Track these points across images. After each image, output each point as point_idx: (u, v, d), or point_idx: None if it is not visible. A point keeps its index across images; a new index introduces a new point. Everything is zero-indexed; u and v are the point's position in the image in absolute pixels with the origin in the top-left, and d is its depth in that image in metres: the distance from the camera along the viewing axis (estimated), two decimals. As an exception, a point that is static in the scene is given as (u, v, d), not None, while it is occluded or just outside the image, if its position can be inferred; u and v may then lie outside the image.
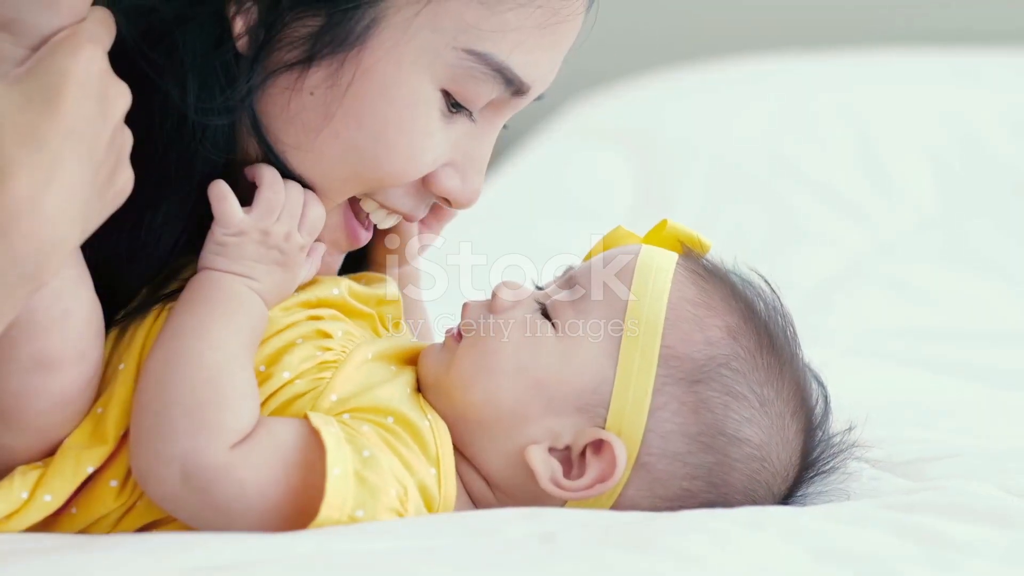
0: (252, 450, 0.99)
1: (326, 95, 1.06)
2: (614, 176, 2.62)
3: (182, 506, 0.99)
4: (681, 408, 1.06)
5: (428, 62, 1.06)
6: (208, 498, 0.98)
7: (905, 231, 2.39)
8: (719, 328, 1.08)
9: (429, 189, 1.11)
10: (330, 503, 0.97)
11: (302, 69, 1.05)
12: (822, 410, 1.12)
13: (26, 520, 1.02)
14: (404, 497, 1.00)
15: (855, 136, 2.56)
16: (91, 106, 0.96)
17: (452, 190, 1.12)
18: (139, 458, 1.00)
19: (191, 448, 0.98)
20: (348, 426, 1.02)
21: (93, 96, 0.96)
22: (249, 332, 1.05)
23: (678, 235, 1.15)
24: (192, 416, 0.99)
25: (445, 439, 1.05)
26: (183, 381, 1.00)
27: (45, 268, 0.94)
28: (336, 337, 1.09)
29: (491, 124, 1.12)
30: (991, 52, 2.74)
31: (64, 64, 0.95)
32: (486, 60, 1.06)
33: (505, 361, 1.07)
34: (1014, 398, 1.59)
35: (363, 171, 1.08)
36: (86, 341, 1.02)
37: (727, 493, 1.07)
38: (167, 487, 0.99)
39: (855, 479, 1.16)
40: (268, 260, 1.07)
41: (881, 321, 2.06)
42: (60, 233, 0.94)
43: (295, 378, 1.05)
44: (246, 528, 0.99)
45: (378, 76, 1.05)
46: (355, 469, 0.99)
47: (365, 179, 1.09)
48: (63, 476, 1.02)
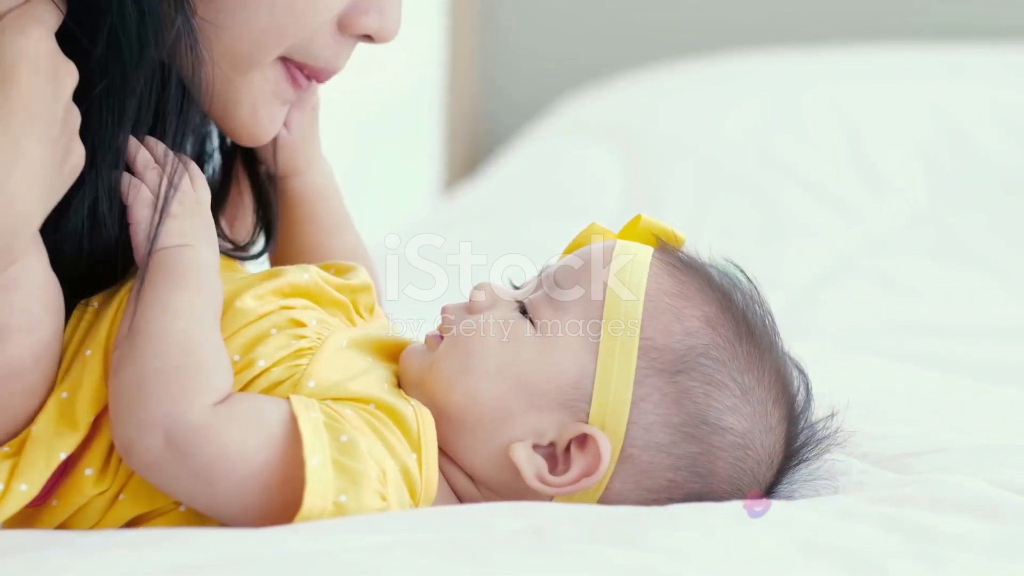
0: (233, 411, 1.01)
1: None
2: (604, 173, 2.62)
3: (167, 473, 1.00)
4: (663, 399, 1.07)
5: None
6: (192, 461, 0.99)
7: (894, 227, 2.40)
8: (697, 318, 1.08)
9: (347, 30, 1.10)
10: (313, 491, 0.98)
11: None
12: (804, 397, 1.12)
13: (5, 511, 1.02)
14: (384, 480, 1.01)
15: (844, 132, 2.56)
16: (44, 86, 0.99)
17: (370, 24, 1.10)
18: (121, 431, 1.01)
19: (172, 411, 0.99)
20: (331, 409, 1.03)
21: (45, 74, 0.99)
22: (207, 295, 1.06)
23: (652, 229, 1.15)
24: (170, 382, 1.00)
25: (428, 424, 1.06)
26: (155, 352, 1.01)
27: (14, 245, 0.98)
28: (310, 325, 1.09)
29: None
30: (980, 48, 2.74)
31: (15, 45, 0.98)
32: None
33: (485, 360, 1.08)
34: (1002, 393, 1.59)
35: (278, 11, 1.06)
36: (35, 313, 1.03)
37: (713, 483, 1.07)
38: (151, 454, 0.99)
39: (843, 473, 1.16)
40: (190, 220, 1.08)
41: (870, 316, 2.06)
42: (26, 210, 0.98)
43: (272, 366, 1.06)
44: (229, 498, 1.00)
45: None
46: (333, 457, 0.99)
47: (280, 21, 1.07)
48: (36, 465, 1.02)
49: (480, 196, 2.69)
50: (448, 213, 2.68)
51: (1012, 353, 1.82)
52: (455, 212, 2.66)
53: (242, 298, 1.09)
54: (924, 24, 2.89)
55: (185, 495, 1.02)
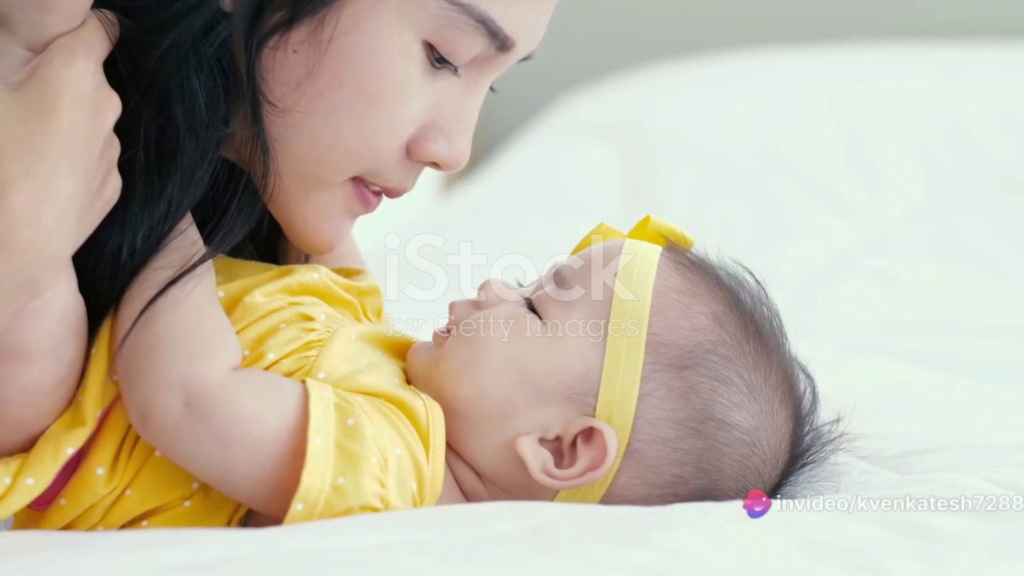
0: (251, 376, 1.02)
1: (309, 51, 1.05)
2: (603, 172, 2.62)
3: (183, 436, 1.00)
4: (670, 394, 1.07)
5: (410, 13, 1.04)
6: (208, 423, 0.99)
7: (893, 225, 2.40)
8: (705, 315, 1.09)
9: (415, 156, 1.10)
10: (311, 470, 0.98)
11: (286, 29, 1.04)
12: (810, 399, 1.13)
13: (11, 506, 1.02)
14: (384, 467, 1.01)
15: (843, 131, 2.56)
16: (85, 118, 0.98)
17: (438, 152, 1.10)
18: (138, 395, 1.01)
19: (190, 371, 1.00)
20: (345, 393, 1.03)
21: (87, 108, 0.98)
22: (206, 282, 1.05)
23: (661, 230, 1.15)
24: (184, 344, 1.01)
25: (438, 418, 1.06)
26: (164, 320, 1.01)
27: (42, 279, 0.97)
28: (319, 320, 1.09)
29: (476, 83, 1.11)
30: (978, 46, 2.74)
31: (60, 75, 0.97)
32: (468, 10, 1.05)
33: (492, 355, 1.08)
34: (1001, 391, 1.59)
35: (346, 134, 1.07)
36: (61, 337, 1.03)
37: (718, 479, 1.08)
38: (169, 417, 1.00)
39: (843, 472, 1.16)
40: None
41: (869, 315, 2.06)
42: (58, 245, 0.96)
43: (282, 358, 1.06)
44: (242, 465, 1.00)
45: (359, 29, 1.04)
46: (336, 439, 1.00)
47: (350, 146, 1.07)
48: (44, 460, 1.03)
49: (479, 195, 2.69)
50: (447, 212, 2.68)
51: (1012, 352, 1.82)
52: (454, 211, 2.66)
53: (252, 294, 1.09)
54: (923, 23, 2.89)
55: (200, 462, 1.01)
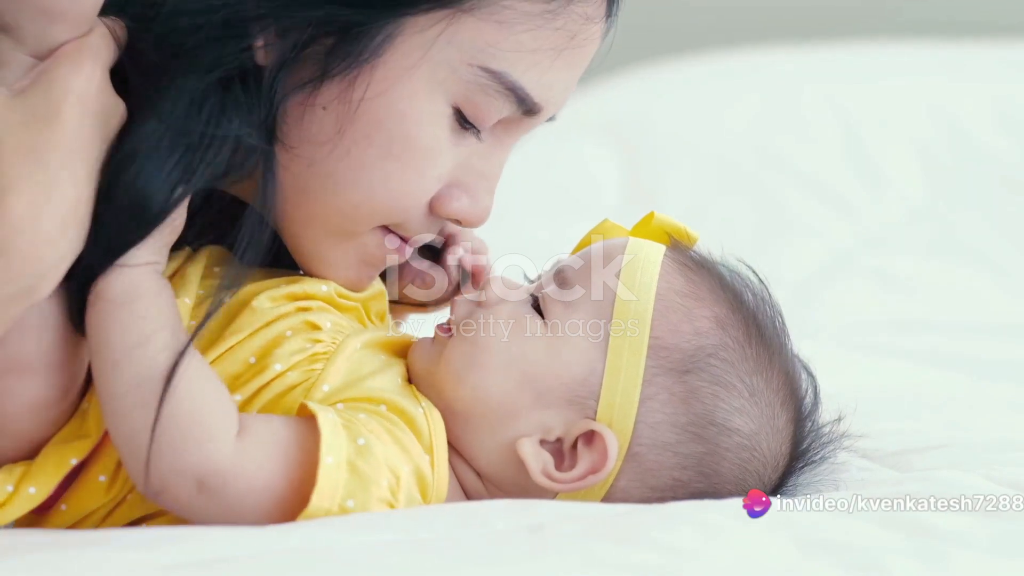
0: (253, 443, 1.00)
1: (338, 110, 1.04)
2: (603, 170, 2.62)
3: (198, 512, 1.00)
4: (671, 398, 1.07)
5: (442, 78, 1.05)
6: (223, 500, 0.99)
7: (892, 223, 2.40)
8: (707, 319, 1.09)
9: (438, 212, 1.10)
10: (321, 491, 0.98)
11: (316, 85, 1.04)
12: (811, 400, 1.13)
13: (12, 513, 1.02)
14: (396, 487, 1.01)
15: (842, 129, 2.56)
16: (89, 128, 0.97)
17: (461, 210, 1.11)
18: (152, 479, 0.99)
19: (201, 457, 0.98)
20: (346, 412, 1.03)
21: (92, 115, 0.97)
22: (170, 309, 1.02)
23: (665, 227, 1.15)
24: (192, 429, 0.99)
25: (439, 426, 1.06)
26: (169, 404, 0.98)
27: (41, 286, 0.96)
28: (325, 328, 1.09)
29: (500, 143, 1.12)
30: (978, 44, 2.74)
31: (66, 82, 0.97)
32: (500, 78, 1.06)
33: (494, 355, 1.08)
34: (1000, 389, 1.59)
35: (374, 192, 1.07)
36: (62, 351, 1.02)
37: (718, 483, 1.07)
38: (183, 499, 0.99)
39: (843, 470, 1.16)
40: None
41: (868, 313, 2.06)
42: (58, 252, 0.96)
43: (287, 370, 1.06)
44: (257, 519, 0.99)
45: (390, 91, 1.04)
46: (348, 458, 0.99)
47: (376, 203, 1.07)
48: (47, 469, 1.02)
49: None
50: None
51: (1012, 350, 1.82)
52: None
53: (258, 298, 1.09)
54: (922, 21, 2.89)
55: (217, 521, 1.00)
